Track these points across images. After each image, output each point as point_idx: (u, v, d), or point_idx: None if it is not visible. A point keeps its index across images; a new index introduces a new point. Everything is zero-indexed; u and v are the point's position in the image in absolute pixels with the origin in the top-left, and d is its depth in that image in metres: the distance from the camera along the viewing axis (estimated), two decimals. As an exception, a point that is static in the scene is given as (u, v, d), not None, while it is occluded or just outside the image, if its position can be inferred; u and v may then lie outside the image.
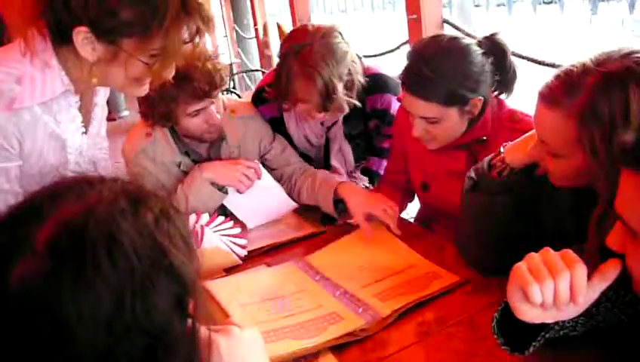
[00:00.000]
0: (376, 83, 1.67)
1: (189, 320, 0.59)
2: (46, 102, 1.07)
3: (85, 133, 1.21)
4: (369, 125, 1.79)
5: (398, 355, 1.07)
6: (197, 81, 1.44)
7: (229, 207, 1.63)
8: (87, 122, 1.21)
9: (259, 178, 1.60)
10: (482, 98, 1.30)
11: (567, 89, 0.93)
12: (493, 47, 1.30)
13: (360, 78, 1.60)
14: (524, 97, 1.40)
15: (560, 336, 0.88)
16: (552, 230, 1.12)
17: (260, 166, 1.62)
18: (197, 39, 1.07)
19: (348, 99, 1.57)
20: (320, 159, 1.88)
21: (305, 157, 1.86)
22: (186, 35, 1.05)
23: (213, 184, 1.56)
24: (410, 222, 1.74)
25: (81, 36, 0.98)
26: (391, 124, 1.73)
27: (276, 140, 1.77)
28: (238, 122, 1.70)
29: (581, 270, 0.74)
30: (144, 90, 1.12)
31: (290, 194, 1.71)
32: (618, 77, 0.87)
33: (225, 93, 1.61)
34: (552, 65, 1.92)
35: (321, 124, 1.77)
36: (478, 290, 1.22)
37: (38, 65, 1.04)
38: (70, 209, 0.54)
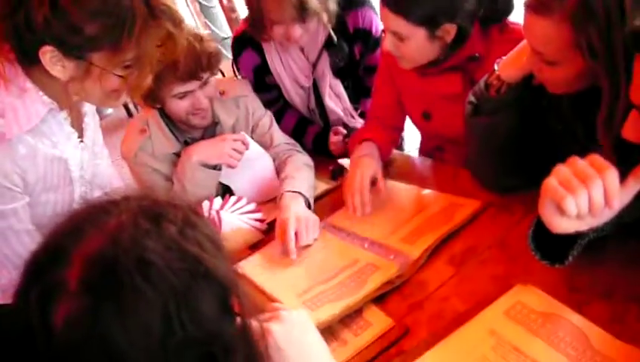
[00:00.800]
0: (359, 3, 1.62)
1: (238, 319, 0.59)
2: (35, 127, 1.04)
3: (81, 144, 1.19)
4: (354, 52, 1.74)
5: (437, 293, 1.09)
6: (181, 61, 1.37)
7: (224, 181, 1.60)
8: (80, 134, 1.19)
9: (247, 148, 1.56)
10: (456, 25, 1.25)
11: None
12: None
13: None
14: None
15: (592, 239, 0.89)
16: (562, 137, 1.11)
17: (246, 136, 1.58)
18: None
19: (324, 4, 1.53)
20: (314, 109, 1.85)
21: (303, 121, 1.84)
22: (157, 42, 1.02)
23: (204, 165, 1.53)
24: (415, 158, 1.74)
25: (48, 56, 0.95)
26: (375, 49, 1.69)
27: (265, 117, 1.72)
28: (230, 104, 1.65)
29: (612, 174, 0.73)
30: (122, 100, 1.10)
31: None
32: None
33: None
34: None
35: (307, 59, 1.73)
36: (502, 211, 1.23)
37: (14, 93, 1.01)
38: (93, 242, 0.54)
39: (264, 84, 1.80)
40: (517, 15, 1.08)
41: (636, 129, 0.72)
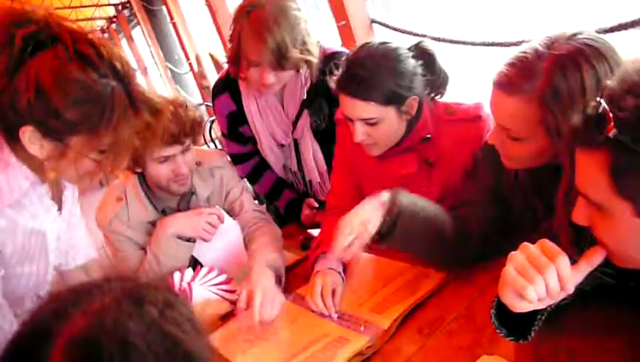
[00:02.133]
0: (338, 57, 1.59)
1: None
2: (16, 201, 1.05)
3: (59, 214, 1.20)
4: (335, 114, 1.67)
5: (407, 363, 1.10)
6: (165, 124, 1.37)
7: (195, 255, 1.60)
8: (59, 206, 1.20)
9: (222, 223, 1.58)
10: (417, 97, 1.34)
11: (526, 74, 0.98)
12: (420, 52, 1.35)
13: (315, 49, 1.59)
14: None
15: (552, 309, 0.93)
16: (521, 212, 1.17)
17: (222, 210, 1.61)
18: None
19: (304, 57, 1.55)
20: (296, 171, 1.85)
21: (280, 183, 1.85)
22: (134, 130, 1.05)
23: (179, 237, 1.54)
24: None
25: (27, 135, 0.98)
26: None
27: (238, 186, 1.75)
28: (206, 174, 1.68)
29: (564, 261, 0.78)
30: (96, 181, 1.12)
31: None
32: (571, 58, 0.93)
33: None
34: (473, 44, 2.01)
35: (287, 115, 1.75)
36: (467, 281, 1.27)
37: None
38: (77, 324, 0.54)
39: (237, 133, 1.81)
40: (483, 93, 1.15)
41: (584, 214, 0.78)
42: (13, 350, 0.56)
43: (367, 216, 1.21)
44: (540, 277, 0.78)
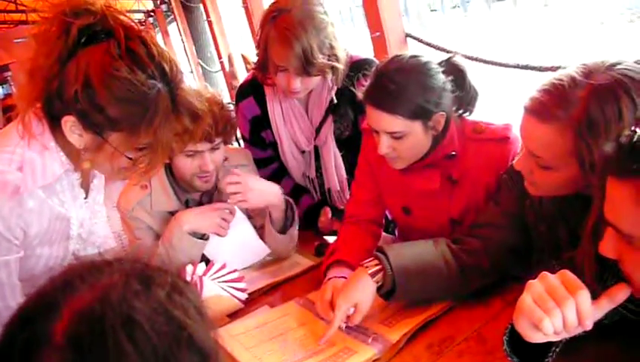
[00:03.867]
0: (366, 67, 1.58)
1: None
2: (48, 184, 1.07)
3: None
4: (359, 122, 1.69)
5: (413, 380, 1.08)
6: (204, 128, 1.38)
7: (205, 253, 1.60)
8: (86, 192, 1.21)
9: (234, 217, 1.58)
10: (445, 113, 1.32)
11: (561, 102, 0.94)
12: (451, 68, 1.33)
13: (342, 54, 1.57)
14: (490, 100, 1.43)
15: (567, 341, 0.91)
16: (544, 237, 1.14)
17: (235, 207, 1.60)
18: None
19: (330, 63, 1.54)
20: (314, 179, 1.84)
21: (298, 190, 1.84)
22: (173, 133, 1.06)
23: (193, 234, 1.53)
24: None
25: (69, 124, 1.00)
26: None
27: None
28: (230, 171, 1.67)
29: (585, 296, 0.76)
30: (129, 177, 1.13)
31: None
32: (610, 89, 0.89)
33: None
34: (506, 65, 1.98)
35: (310, 121, 1.74)
36: (481, 303, 1.24)
37: (36, 149, 1.05)
38: (84, 298, 0.55)
39: (259, 138, 1.81)
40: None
41: (611, 246, 0.75)
42: (19, 317, 0.56)
43: (359, 299, 1.22)
44: (558, 310, 0.76)
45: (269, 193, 1.58)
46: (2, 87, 8.89)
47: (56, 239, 1.14)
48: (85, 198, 1.20)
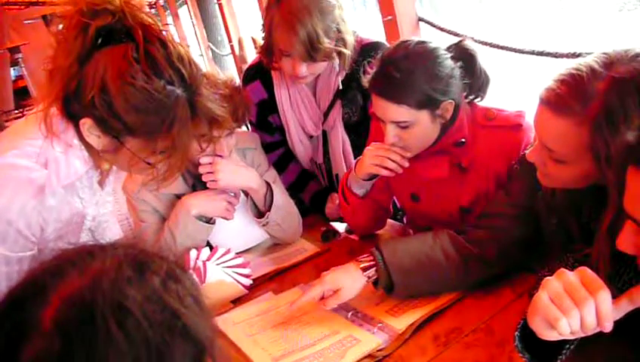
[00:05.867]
0: (376, 50, 1.55)
1: None
2: (70, 183, 1.07)
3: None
4: (368, 108, 1.64)
5: (418, 372, 1.06)
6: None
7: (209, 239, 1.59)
8: (101, 187, 1.21)
9: (238, 201, 1.57)
10: (453, 101, 1.27)
11: (579, 95, 0.88)
12: (460, 53, 1.29)
13: (349, 38, 1.54)
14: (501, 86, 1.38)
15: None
16: (555, 232, 1.10)
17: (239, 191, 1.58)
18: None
19: (337, 48, 1.51)
20: (321, 164, 1.82)
21: (305, 175, 1.83)
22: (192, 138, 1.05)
23: (200, 218, 1.52)
24: (410, 232, 1.72)
25: (86, 126, 0.98)
26: None
27: (269, 171, 1.72)
28: (238, 154, 1.65)
29: (605, 297, 0.72)
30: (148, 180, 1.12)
31: None
32: (631, 81, 0.83)
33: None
34: (521, 52, 1.92)
35: (318, 106, 1.71)
36: (490, 294, 1.21)
37: (60, 146, 1.03)
38: (74, 283, 0.53)
39: (266, 122, 1.78)
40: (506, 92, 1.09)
41: (630, 241, 0.72)
42: (8, 302, 0.54)
43: (343, 286, 1.21)
44: (576, 311, 0.72)
45: (243, 176, 1.56)
46: (14, 69, 8.90)
47: (69, 234, 1.13)
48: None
